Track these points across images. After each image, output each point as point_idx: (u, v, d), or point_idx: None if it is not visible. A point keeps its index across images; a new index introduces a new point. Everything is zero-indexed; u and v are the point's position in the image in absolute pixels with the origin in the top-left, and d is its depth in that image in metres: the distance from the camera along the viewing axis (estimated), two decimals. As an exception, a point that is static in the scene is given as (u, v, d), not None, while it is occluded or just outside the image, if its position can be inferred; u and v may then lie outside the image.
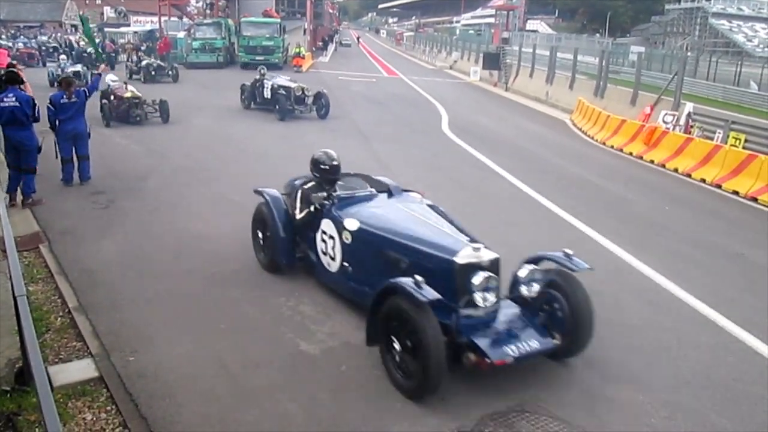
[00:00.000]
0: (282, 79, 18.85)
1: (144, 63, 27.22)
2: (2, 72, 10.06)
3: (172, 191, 10.07)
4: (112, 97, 15.83)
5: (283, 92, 17.92)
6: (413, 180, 11.41)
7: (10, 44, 41.29)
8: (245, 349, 5.34)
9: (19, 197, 9.06)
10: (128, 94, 15.84)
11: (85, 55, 31.01)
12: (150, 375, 4.88)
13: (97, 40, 31.73)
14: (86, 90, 10.08)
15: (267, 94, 18.45)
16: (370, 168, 12.17)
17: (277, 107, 17.75)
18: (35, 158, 9.05)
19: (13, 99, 8.67)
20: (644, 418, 4.66)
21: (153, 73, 26.39)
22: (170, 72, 27.11)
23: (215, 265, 7.11)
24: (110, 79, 16.21)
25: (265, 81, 18.65)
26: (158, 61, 27.81)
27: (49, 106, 9.66)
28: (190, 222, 8.56)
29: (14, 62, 15.37)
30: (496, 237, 8.54)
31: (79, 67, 23.18)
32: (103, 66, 13.45)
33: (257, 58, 33.82)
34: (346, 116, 18.91)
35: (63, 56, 26.95)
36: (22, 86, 9.21)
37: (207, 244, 7.75)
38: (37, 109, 8.88)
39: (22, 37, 48.47)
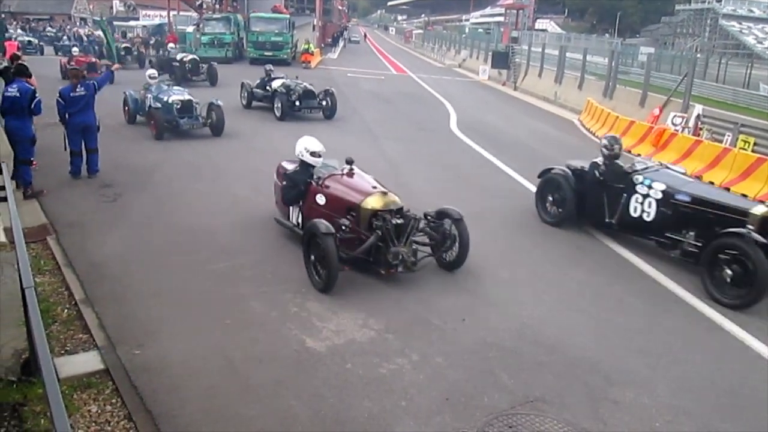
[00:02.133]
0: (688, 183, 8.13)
1: (278, 84, 16.92)
2: (7, 63, 10.26)
3: (178, 185, 10.09)
4: (322, 201, 7.19)
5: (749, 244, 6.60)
6: (420, 178, 11.42)
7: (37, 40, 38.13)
8: (251, 344, 5.36)
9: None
10: (377, 203, 6.81)
11: (177, 63, 23.02)
12: (155, 368, 4.91)
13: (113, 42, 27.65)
14: (95, 83, 10.13)
15: (645, 211, 8.07)
16: (379, 166, 12.21)
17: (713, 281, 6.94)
18: (28, 149, 9.19)
19: (16, 90, 8.92)
20: (648, 421, 4.65)
21: (298, 102, 16.33)
22: (324, 101, 16.86)
23: (222, 260, 7.13)
24: (308, 146, 7.65)
25: (636, 177, 8.24)
26: (304, 83, 16.98)
27: (59, 99, 9.75)
28: (197, 216, 8.58)
29: (19, 54, 15.41)
30: (502, 238, 8.57)
31: (184, 94, 14.07)
32: (116, 65, 13.80)
33: (266, 53, 33.89)
34: (355, 113, 18.80)
35: (152, 71, 15.42)
36: (28, 79, 9.42)
37: (214, 239, 7.77)
38: (34, 102, 8.98)
39: (73, 37, 40.44)
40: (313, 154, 7.71)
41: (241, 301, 6.15)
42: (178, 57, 23.78)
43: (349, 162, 7.49)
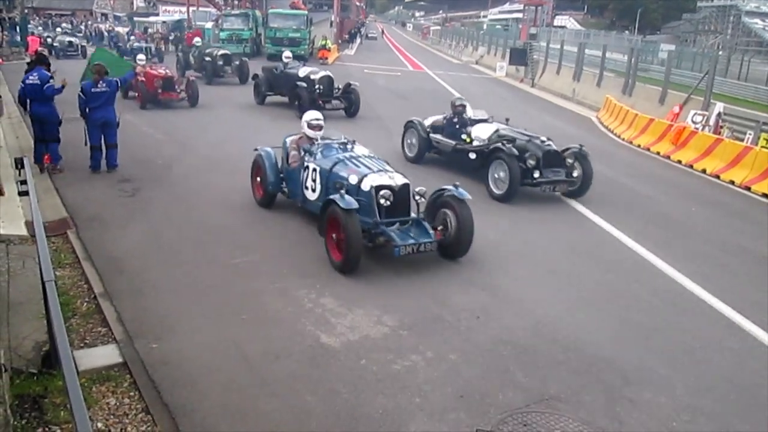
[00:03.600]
0: None
1: (489, 132, 10.74)
2: (31, 58, 10.85)
3: (196, 180, 10.16)
4: None
5: None
6: (433, 176, 11.38)
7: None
8: (266, 340, 5.39)
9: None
10: None
11: (303, 84, 15.97)
12: (172, 362, 4.96)
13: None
14: (118, 80, 10.25)
15: None
16: (395, 161, 12.18)
17: None
18: (57, 130, 10.05)
19: (36, 77, 9.71)
20: (666, 421, 4.62)
21: (537, 172, 9.76)
22: (574, 170, 10.10)
23: (238, 255, 7.17)
24: None
25: None
26: (540, 136, 10.58)
27: (80, 94, 9.91)
28: (215, 211, 8.64)
29: (41, 50, 15.71)
30: (517, 235, 8.53)
31: (389, 171, 7.44)
32: (138, 66, 13.55)
33: (283, 49, 34.01)
34: (372, 110, 18.57)
35: (316, 117, 8.48)
36: (46, 67, 10.11)
37: (231, 234, 7.82)
38: (46, 86, 9.66)
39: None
40: None
41: (257, 297, 6.19)
42: (301, 73, 16.57)
43: None
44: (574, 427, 4.41)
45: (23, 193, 7.20)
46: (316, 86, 16.18)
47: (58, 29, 38.40)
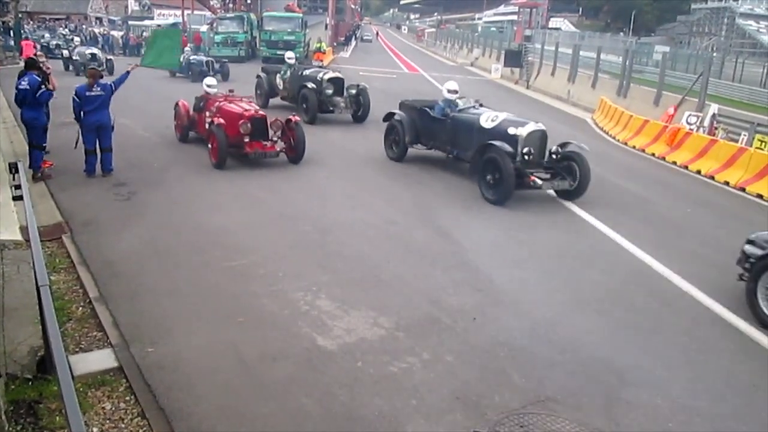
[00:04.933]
0: None
1: None
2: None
3: (191, 183, 10.13)
4: None
5: None
6: (433, 177, 11.38)
7: None
8: (263, 342, 5.38)
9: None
10: None
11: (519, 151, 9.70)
12: (168, 366, 4.94)
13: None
14: (113, 83, 10.22)
15: None
16: (390, 165, 12.18)
17: None
18: (41, 136, 10.01)
19: (26, 82, 9.73)
20: (662, 422, 4.62)
21: None
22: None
23: (234, 258, 7.16)
24: None
25: None
26: None
27: (75, 97, 9.90)
28: (210, 214, 8.62)
29: (34, 57, 15.58)
30: (513, 237, 8.53)
31: None
32: (133, 65, 11.34)
33: (278, 52, 34.05)
34: (376, 113, 18.32)
35: None
36: (38, 72, 10.12)
37: (227, 237, 7.81)
38: (39, 93, 9.68)
39: None
40: None
41: (254, 299, 6.17)
42: (486, 123, 10.43)
43: None
44: (570, 429, 4.42)
45: (17, 198, 7.17)
46: (523, 149, 9.80)
47: (76, 40, 32.30)
